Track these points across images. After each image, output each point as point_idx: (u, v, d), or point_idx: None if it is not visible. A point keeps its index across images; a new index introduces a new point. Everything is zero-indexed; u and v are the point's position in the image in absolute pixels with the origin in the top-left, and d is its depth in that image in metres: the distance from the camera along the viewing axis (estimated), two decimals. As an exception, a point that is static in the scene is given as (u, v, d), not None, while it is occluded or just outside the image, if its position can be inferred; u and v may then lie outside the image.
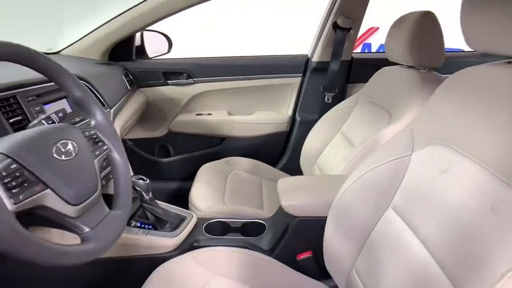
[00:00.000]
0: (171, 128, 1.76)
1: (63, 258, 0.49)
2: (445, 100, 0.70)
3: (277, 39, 3.30)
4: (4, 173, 0.46)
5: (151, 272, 0.85)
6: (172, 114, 1.75)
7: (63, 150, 0.55)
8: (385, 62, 1.29)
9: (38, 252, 0.45)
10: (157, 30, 1.67)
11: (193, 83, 1.70)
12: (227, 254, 0.90)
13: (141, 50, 1.70)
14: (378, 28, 3.84)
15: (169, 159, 1.79)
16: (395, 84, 1.20)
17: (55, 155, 0.54)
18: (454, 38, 1.11)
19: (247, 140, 1.77)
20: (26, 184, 0.48)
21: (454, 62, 1.41)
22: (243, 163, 1.59)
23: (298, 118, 1.74)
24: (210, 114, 1.76)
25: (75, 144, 0.58)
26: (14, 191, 0.46)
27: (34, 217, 0.48)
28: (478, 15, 0.60)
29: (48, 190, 0.50)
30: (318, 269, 0.97)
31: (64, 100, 0.94)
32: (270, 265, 0.90)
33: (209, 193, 1.28)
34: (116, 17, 1.46)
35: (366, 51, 3.95)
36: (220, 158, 1.61)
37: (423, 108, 0.75)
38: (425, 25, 1.07)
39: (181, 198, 1.35)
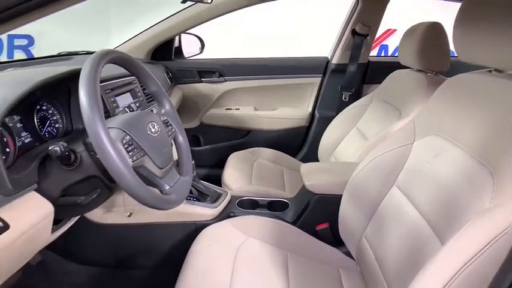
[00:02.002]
0: (203, 121, 1.97)
1: (159, 203, 0.69)
2: (441, 100, 0.87)
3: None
4: (124, 141, 0.67)
5: (195, 234, 1.05)
6: (205, 108, 1.96)
7: (152, 129, 0.76)
8: (398, 66, 1.45)
9: (146, 196, 0.66)
10: (192, 33, 1.88)
11: (224, 81, 1.91)
12: (259, 222, 1.10)
13: (179, 51, 1.91)
14: (395, 30, 3.91)
15: (200, 148, 2.00)
16: (405, 86, 1.37)
17: (148, 132, 0.74)
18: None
19: (271, 133, 1.96)
20: (135, 150, 0.68)
21: (461, 66, 1.55)
22: (267, 153, 1.77)
23: (317, 114, 1.92)
24: (238, 109, 1.96)
25: (158, 125, 0.78)
26: (130, 153, 0.67)
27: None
28: (467, 34, 0.76)
29: (146, 156, 0.71)
30: (333, 238, 1.15)
31: (128, 93, 1.15)
32: (293, 232, 1.10)
33: (239, 176, 1.48)
34: (160, 21, 1.68)
35: (383, 52, 4.05)
36: (246, 149, 1.80)
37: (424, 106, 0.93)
38: (433, 34, 1.23)
39: (211, 183, 1.56)
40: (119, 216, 1.10)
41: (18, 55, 3.40)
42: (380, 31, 3.91)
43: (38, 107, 0.83)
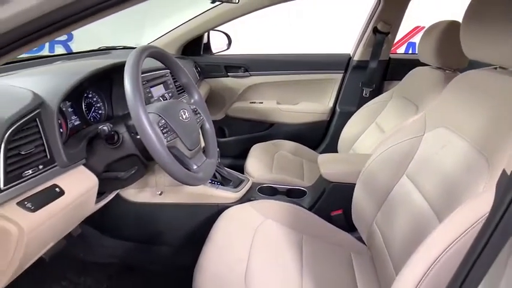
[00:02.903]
0: (228, 113, 2.08)
1: (188, 179, 0.79)
2: (450, 95, 0.92)
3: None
4: (160, 124, 0.78)
5: (217, 216, 1.14)
6: (230, 101, 2.07)
7: (183, 115, 0.86)
8: (418, 63, 1.47)
9: (178, 172, 0.76)
10: (220, 30, 1.98)
11: (249, 76, 2.00)
12: (277, 206, 1.18)
13: (207, 47, 2.02)
14: (423, 27, 3.85)
15: (225, 139, 2.11)
16: (423, 82, 1.40)
17: (180, 118, 0.85)
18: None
19: (292, 126, 2.03)
20: (169, 132, 0.79)
21: (479, 64, 1.56)
22: (288, 145, 1.85)
23: (338, 109, 1.98)
24: (262, 102, 2.04)
25: (188, 113, 0.89)
26: (165, 135, 0.77)
27: None
28: (474, 33, 0.80)
29: (178, 138, 0.82)
30: (346, 224, 1.22)
31: (161, 85, 1.26)
32: (309, 216, 1.17)
33: (260, 166, 1.56)
34: (191, 19, 1.80)
35: (411, 50, 4.00)
36: (269, 141, 1.88)
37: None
38: (451, 32, 1.25)
39: None
40: (150, 195, 1.23)
41: (59, 49, 3.66)
42: (408, 28, 3.86)
43: (85, 94, 0.96)
